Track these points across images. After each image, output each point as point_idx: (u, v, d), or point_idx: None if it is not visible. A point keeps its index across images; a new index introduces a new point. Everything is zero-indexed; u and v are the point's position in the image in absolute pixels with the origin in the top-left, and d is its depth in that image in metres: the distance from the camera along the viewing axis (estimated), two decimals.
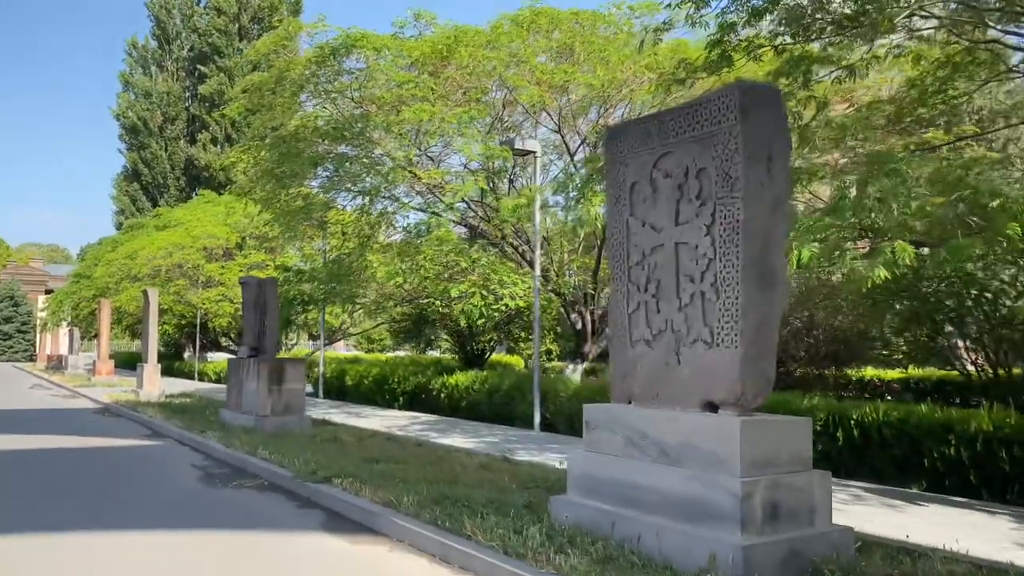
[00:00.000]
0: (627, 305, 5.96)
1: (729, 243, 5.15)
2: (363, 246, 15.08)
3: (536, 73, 13.71)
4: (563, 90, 14.27)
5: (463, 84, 14.44)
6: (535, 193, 12.63)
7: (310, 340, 45.35)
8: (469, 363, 23.55)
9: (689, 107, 5.48)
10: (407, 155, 13.68)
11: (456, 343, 24.09)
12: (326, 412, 16.54)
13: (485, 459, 9.57)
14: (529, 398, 14.15)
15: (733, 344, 5.10)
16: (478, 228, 16.64)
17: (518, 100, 14.67)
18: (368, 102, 14.23)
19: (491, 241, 17.99)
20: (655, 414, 5.51)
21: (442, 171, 14.26)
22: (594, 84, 13.70)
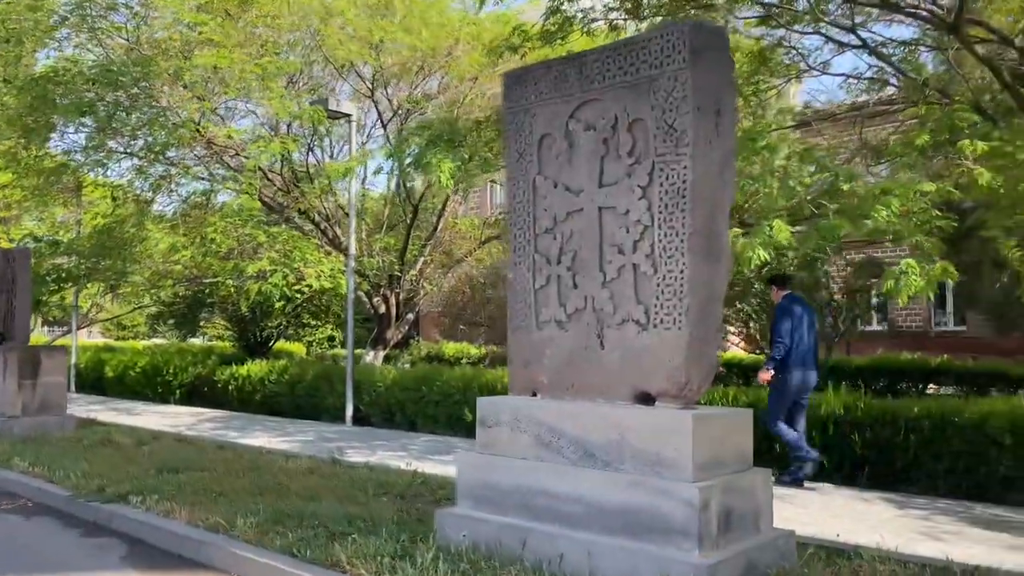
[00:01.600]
0: (532, 280, 5.04)
1: (673, 208, 4.39)
2: (142, 214, 12.85)
3: (350, 28, 12.33)
4: (379, 51, 12.99)
5: (264, 36, 12.70)
6: (365, 157, 11.31)
7: (45, 326, 39.77)
8: (251, 351, 21.48)
9: (622, 46, 4.65)
10: (202, 106, 11.74)
11: (236, 330, 21.85)
12: (88, 409, 14.06)
13: (310, 462, 8.24)
14: (340, 389, 12.82)
15: (676, 325, 4.35)
16: (276, 201, 14.91)
17: (329, 59, 13.18)
18: (148, 46, 12.06)
19: (285, 216, 16.29)
20: (576, 408, 4.65)
21: (242, 130, 12.46)
22: (418, 46, 12.58)
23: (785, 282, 7.88)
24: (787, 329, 7.38)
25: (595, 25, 11.65)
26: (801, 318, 7.51)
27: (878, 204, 7.23)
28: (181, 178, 13.26)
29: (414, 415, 11.84)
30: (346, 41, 12.29)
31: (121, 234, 13.22)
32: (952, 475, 7.34)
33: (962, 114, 8.16)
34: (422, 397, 11.70)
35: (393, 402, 12.13)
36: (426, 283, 18.27)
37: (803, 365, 7.49)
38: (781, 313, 7.47)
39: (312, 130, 15.10)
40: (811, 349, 7.61)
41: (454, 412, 11.28)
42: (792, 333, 7.41)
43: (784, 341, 7.39)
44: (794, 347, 7.41)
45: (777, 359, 7.46)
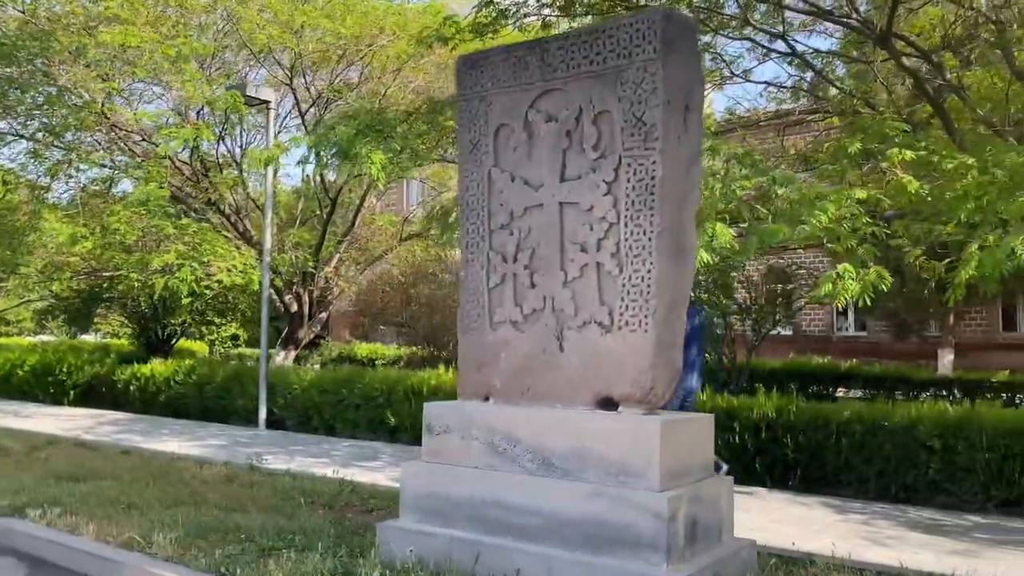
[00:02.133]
0: (486, 279, 4.76)
1: (640, 205, 4.19)
2: (37, 201, 11.88)
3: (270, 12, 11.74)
4: (299, 37, 12.43)
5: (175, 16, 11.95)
6: (291, 145, 10.73)
7: None
8: (151, 350, 20.37)
9: (587, 34, 4.42)
10: (107, 87, 10.92)
11: (136, 327, 20.67)
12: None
13: (227, 469, 7.72)
14: (252, 391, 12.19)
15: (642, 327, 4.16)
16: (184, 191, 14.11)
17: (247, 43, 12.53)
18: (47, 20, 11.15)
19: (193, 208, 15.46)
20: (533, 414, 4.39)
21: (153, 113, 11.65)
22: (342, 33, 12.09)
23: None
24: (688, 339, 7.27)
25: (527, 21, 11.47)
26: (697, 328, 7.42)
27: (816, 209, 7.26)
28: (81, 163, 12.34)
29: (333, 419, 11.35)
30: (265, 25, 11.69)
31: (12, 222, 12.21)
32: (882, 478, 7.43)
33: (892, 123, 8.32)
34: (342, 400, 11.23)
35: (310, 405, 11.60)
36: (341, 281, 17.71)
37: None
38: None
39: (224, 118, 14.38)
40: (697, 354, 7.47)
41: (376, 416, 10.87)
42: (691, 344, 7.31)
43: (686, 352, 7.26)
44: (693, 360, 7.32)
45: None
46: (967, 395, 15.24)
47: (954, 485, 7.12)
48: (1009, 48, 10.91)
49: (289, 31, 11.92)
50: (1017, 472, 6.84)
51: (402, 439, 10.57)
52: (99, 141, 12.47)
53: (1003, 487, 6.90)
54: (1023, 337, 26.17)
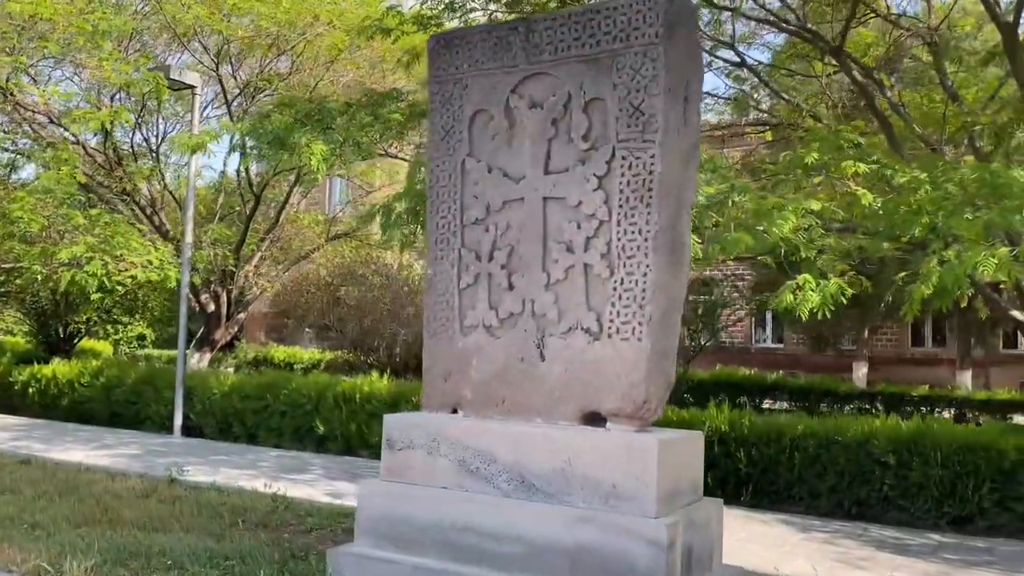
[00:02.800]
0: (457, 278, 4.32)
1: (636, 202, 3.84)
2: None
3: None
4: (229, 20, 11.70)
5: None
6: (223, 132, 9.97)
7: None
8: (52, 349, 19.02)
9: (579, 14, 4.05)
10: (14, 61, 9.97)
11: (36, 324, 19.26)
12: None
13: (144, 482, 7.01)
14: (167, 395, 11.35)
15: (636, 335, 3.80)
16: (95, 180, 13.13)
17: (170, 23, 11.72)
18: None
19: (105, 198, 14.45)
20: (512, 430, 3.97)
21: (67, 92, 10.69)
22: (278, 17, 11.42)
23: None
24: None
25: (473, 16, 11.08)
26: None
27: (778, 219, 7.09)
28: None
29: (255, 427, 10.65)
30: (192, 5, 10.92)
31: None
32: (835, 493, 7.31)
33: (847, 135, 8.26)
34: (266, 407, 10.55)
35: (231, 411, 10.86)
36: (263, 281, 16.88)
37: None
38: None
39: (141, 103, 13.46)
40: None
41: (303, 424, 10.24)
42: None
43: None
44: None
45: None
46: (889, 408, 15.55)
47: (907, 501, 7.04)
48: (943, 69, 11.12)
49: (218, 13, 11.19)
50: (970, 489, 6.81)
51: (331, 449, 9.99)
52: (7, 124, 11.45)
53: (956, 504, 6.86)
54: (930, 352, 27.20)
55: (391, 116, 8.44)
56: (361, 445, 9.83)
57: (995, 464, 6.77)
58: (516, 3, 10.91)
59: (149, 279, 12.75)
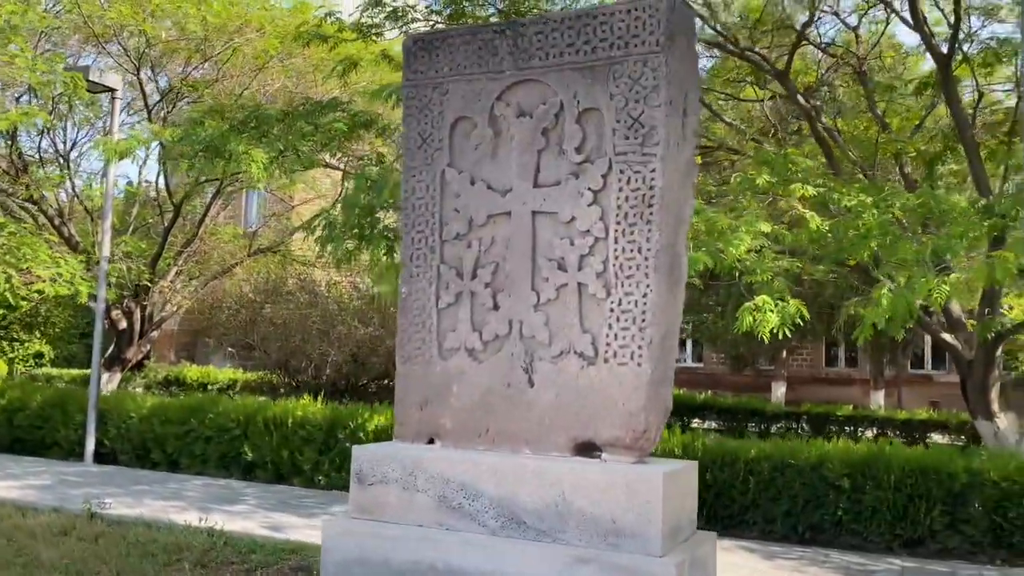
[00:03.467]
0: (435, 297, 4.01)
1: (635, 218, 3.62)
2: None
3: None
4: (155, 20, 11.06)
5: None
6: (155, 137, 9.30)
7: None
8: None
9: (574, 18, 3.83)
10: None
11: None
12: None
13: (60, 518, 6.36)
14: (79, 419, 10.53)
15: (635, 360, 3.57)
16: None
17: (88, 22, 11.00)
18: None
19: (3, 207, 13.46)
20: (499, 462, 3.67)
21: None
22: (208, 20, 10.85)
23: None
24: None
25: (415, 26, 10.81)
26: None
27: (734, 239, 7.04)
28: None
29: (177, 453, 9.97)
30: (115, 3, 10.27)
31: None
32: (789, 518, 7.24)
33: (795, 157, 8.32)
34: (189, 431, 9.89)
35: (150, 436, 10.14)
36: (179, 297, 16.04)
37: None
38: None
39: (51, 107, 12.60)
40: None
41: (230, 450, 9.63)
42: None
43: None
44: None
45: None
46: (814, 428, 15.85)
47: (860, 525, 7.02)
48: (872, 98, 11.45)
49: (142, 12, 10.56)
50: (922, 512, 6.84)
51: (260, 477, 9.42)
52: None
53: (908, 527, 6.87)
54: (843, 372, 28.10)
55: (334, 125, 8.05)
56: (293, 473, 9.30)
57: (946, 487, 6.82)
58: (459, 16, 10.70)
59: (58, 294, 11.91)
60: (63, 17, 12.05)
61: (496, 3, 10.75)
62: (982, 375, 9.60)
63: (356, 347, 12.47)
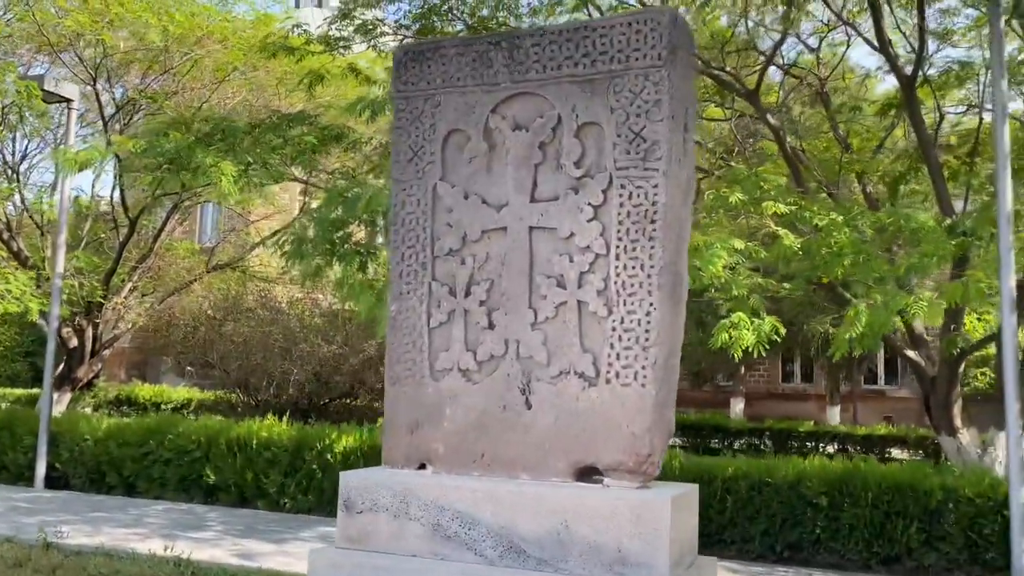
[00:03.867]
0: (427, 316, 3.86)
1: (638, 235, 3.53)
2: None
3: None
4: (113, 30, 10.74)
5: None
6: (115, 148, 8.95)
7: None
8: None
9: (572, 31, 3.73)
10: None
11: None
12: None
13: (14, 549, 6.02)
14: (28, 442, 10.09)
15: (639, 381, 3.47)
16: None
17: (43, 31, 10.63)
18: None
19: None
20: (496, 488, 3.53)
21: None
22: (170, 31, 10.57)
23: None
24: None
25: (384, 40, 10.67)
26: None
27: (712, 256, 7.02)
28: None
29: (135, 476, 9.60)
30: (72, 11, 9.94)
31: None
32: (767, 537, 7.21)
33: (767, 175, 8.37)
34: (147, 454, 9.53)
35: (104, 460, 9.76)
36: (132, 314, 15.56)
37: None
38: None
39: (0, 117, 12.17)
40: None
41: (191, 473, 9.31)
42: None
43: None
44: None
45: None
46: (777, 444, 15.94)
47: (838, 543, 7.02)
48: (835, 119, 11.63)
49: (101, 21, 10.23)
50: (899, 530, 6.86)
51: (223, 500, 9.11)
52: None
53: (885, 544, 6.89)
54: (799, 388, 28.46)
55: (304, 139, 7.86)
56: (258, 496, 9.01)
57: (922, 504, 6.85)
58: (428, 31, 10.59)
59: (7, 311, 11.45)
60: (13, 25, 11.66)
61: (465, 20, 10.69)
62: (945, 391, 9.72)
63: (319, 365, 12.20)
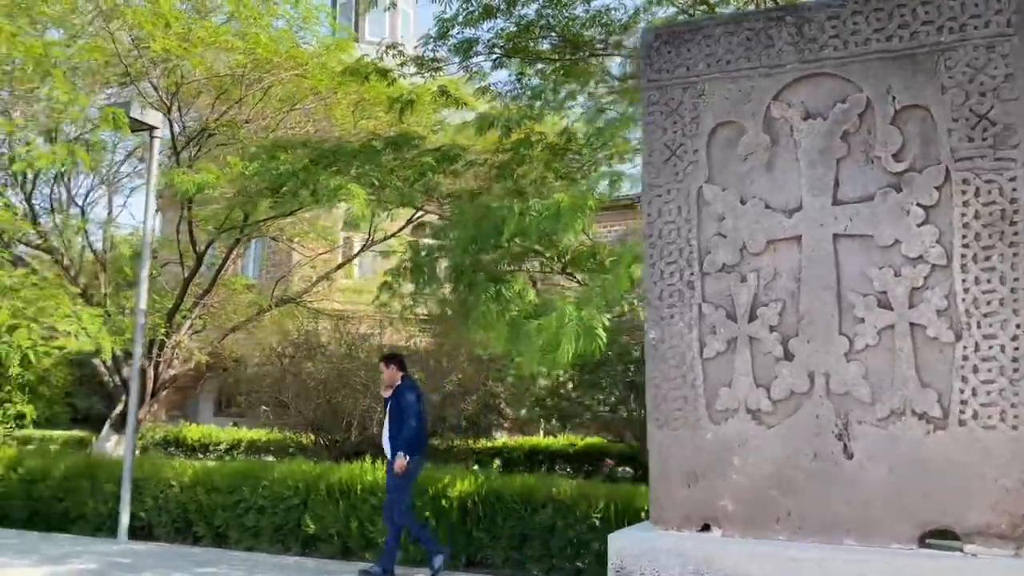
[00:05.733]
0: (698, 345, 3.20)
1: (993, 240, 2.86)
2: None
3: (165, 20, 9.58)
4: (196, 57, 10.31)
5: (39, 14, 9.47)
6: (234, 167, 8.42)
7: None
8: None
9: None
10: None
11: None
12: None
13: None
14: (109, 490, 9.44)
15: (1008, 422, 2.77)
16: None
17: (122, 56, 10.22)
18: None
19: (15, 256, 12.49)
20: (822, 557, 2.82)
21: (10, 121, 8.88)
22: (260, 54, 10.11)
23: (404, 363, 7.66)
24: (416, 411, 7.22)
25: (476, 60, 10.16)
26: (421, 400, 7.50)
27: None
28: None
29: (226, 526, 8.91)
30: (159, 37, 9.50)
31: None
32: None
33: None
34: (239, 502, 8.85)
35: (193, 508, 9.08)
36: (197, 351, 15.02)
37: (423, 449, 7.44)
38: (412, 394, 7.33)
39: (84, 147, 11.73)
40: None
41: (287, 522, 8.59)
42: (418, 416, 7.26)
43: (414, 424, 7.14)
44: (420, 431, 7.29)
45: (409, 443, 7.08)
46: None
47: None
48: None
49: (187, 44, 9.80)
50: None
51: (323, 551, 8.39)
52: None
53: None
54: None
55: (422, 160, 7.29)
56: (363, 547, 8.30)
57: None
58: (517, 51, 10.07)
59: (81, 350, 10.92)
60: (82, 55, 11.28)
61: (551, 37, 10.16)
62: None
63: None
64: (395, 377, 7.34)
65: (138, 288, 9.77)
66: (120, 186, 16.01)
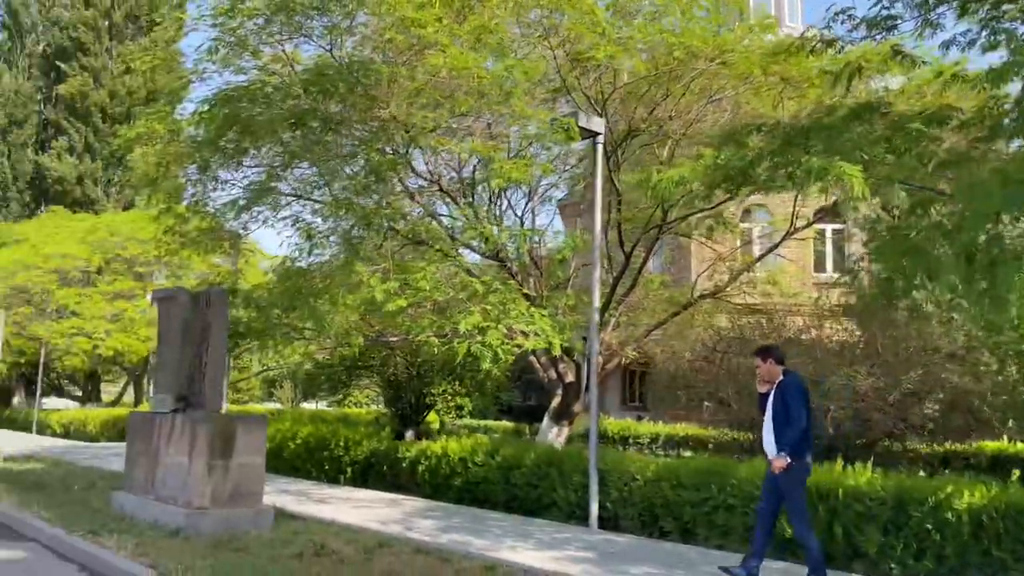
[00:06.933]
0: None
1: None
2: (351, 250, 10.48)
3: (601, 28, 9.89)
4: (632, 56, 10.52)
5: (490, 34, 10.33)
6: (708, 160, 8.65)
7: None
8: (404, 422, 19.10)
9: None
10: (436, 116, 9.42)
11: (392, 396, 19.45)
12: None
13: None
14: (576, 480, 10.03)
15: None
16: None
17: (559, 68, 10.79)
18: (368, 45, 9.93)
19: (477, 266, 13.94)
20: None
21: (490, 145, 9.96)
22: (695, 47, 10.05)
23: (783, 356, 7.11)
24: (802, 409, 6.71)
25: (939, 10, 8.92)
26: (807, 396, 6.92)
27: None
28: (399, 214, 10.98)
29: (692, 522, 8.91)
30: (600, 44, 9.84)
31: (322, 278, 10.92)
32: None
33: None
34: (707, 499, 8.78)
35: (659, 502, 9.23)
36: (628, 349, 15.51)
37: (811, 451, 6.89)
38: (797, 391, 6.80)
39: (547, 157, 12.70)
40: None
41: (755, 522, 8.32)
42: (805, 414, 6.72)
43: (802, 423, 6.66)
44: (808, 430, 6.77)
45: (794, 443, 6.65)
46: None
47: None
48: None
49: (622, 48, 10.05)
50: None
51: (799, 556, 7.94)
52: (409, 185, 11.12)
53: None
54: None
55: (908, 127, 6.46)
56: (850, 556, 7.70)
57: None
58: None
59: (536, 348, 11.79)
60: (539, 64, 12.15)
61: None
62: None
63: (859, 400, 10.66)
64: (774, 372, 6.98)
65: (591, 289, 10.29)
66: (546, 196, 17.26)
